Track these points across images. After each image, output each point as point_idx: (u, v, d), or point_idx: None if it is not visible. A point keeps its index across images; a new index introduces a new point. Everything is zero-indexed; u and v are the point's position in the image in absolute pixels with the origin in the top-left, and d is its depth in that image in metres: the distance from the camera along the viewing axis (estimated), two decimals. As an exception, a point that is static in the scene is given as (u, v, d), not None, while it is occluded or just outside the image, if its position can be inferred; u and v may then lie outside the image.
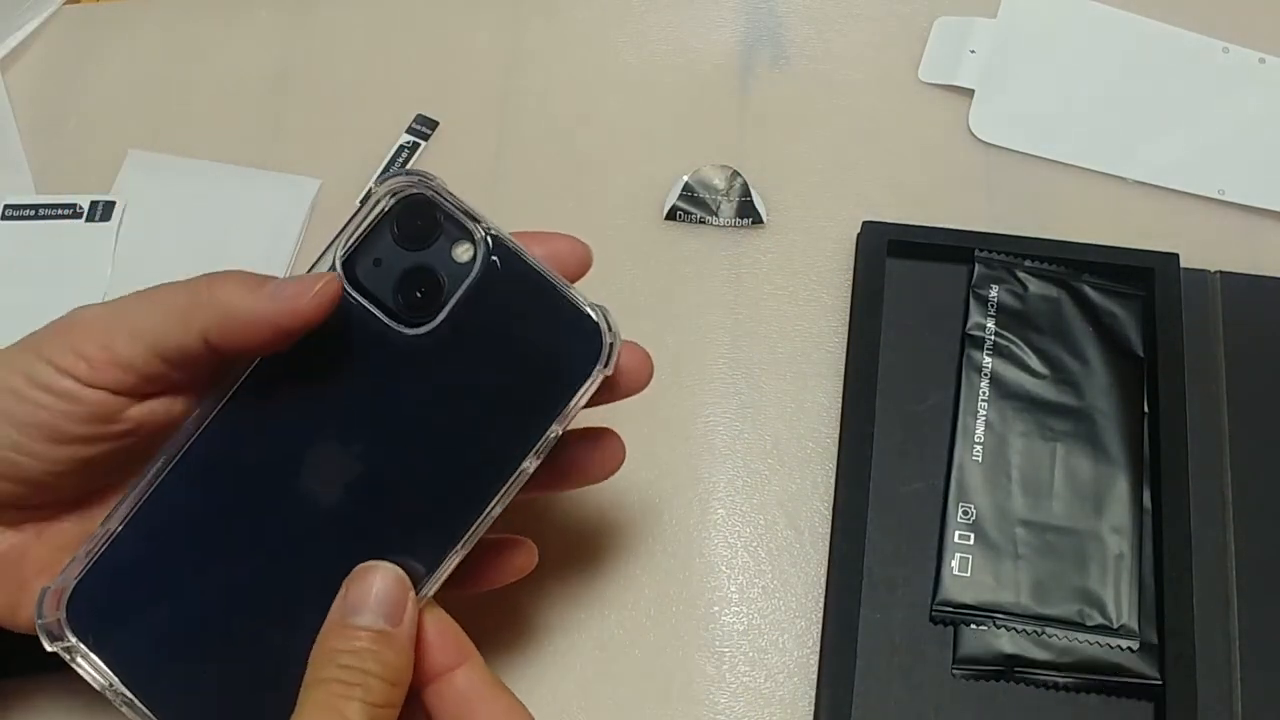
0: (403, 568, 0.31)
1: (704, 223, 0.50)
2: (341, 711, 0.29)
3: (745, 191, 0.51)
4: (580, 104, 0.54)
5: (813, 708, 0.42)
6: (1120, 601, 0.42)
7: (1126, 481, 0.44)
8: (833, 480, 0.45)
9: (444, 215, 0.33)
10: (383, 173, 0.52)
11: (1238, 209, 0.51)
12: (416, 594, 0.31)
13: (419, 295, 0.33)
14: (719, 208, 0.50)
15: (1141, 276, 0.47)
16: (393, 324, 0.33)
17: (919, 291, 0.48)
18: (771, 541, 0.45)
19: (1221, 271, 0.48)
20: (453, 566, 0.32)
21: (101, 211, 0.50)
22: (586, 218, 0.51)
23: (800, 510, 0.45)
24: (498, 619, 0.43)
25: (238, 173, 0.52)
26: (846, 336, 0.47)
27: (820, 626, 0.43)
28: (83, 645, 0.32)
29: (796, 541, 0.45)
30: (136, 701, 0.31)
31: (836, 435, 0.46)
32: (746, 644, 0.43)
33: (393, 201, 0.33)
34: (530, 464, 0.32)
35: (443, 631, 0.32)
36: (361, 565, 0.31)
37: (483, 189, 0.52)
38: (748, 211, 0.50)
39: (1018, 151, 0.52)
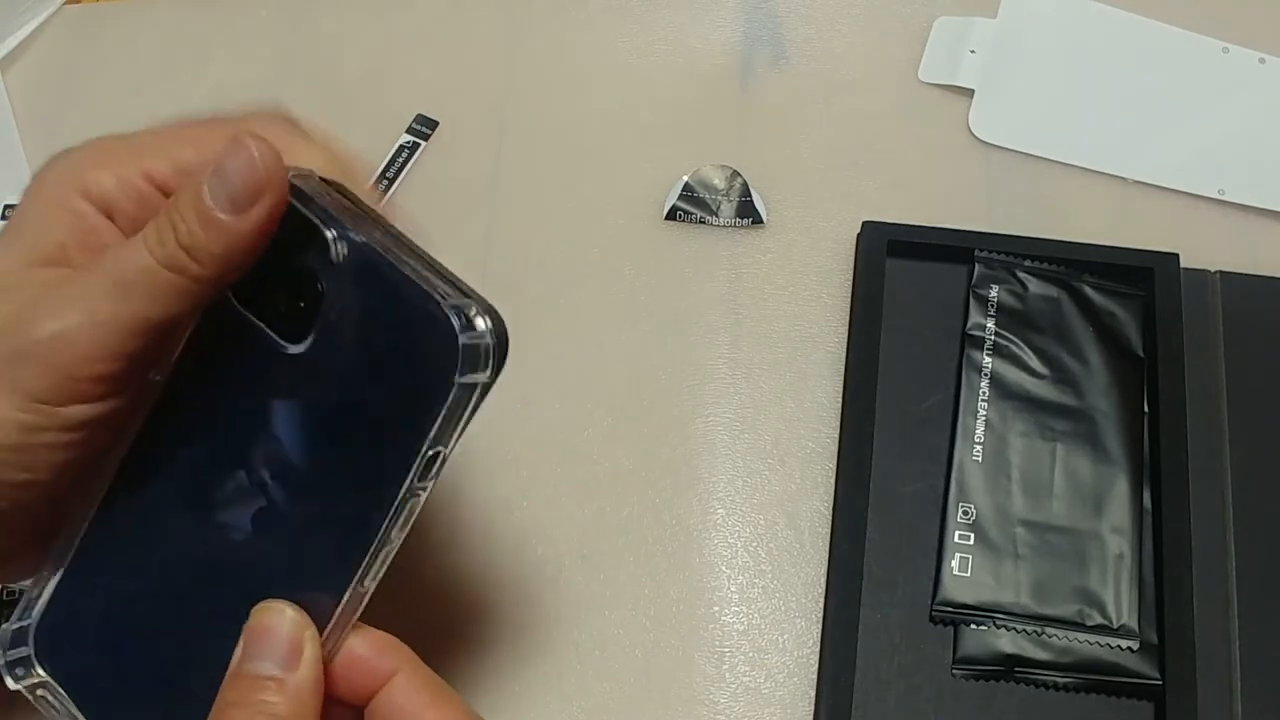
0: (306, 605, 0.29)
1: (704, 223, 0.50)
2: None
3: (745, 191, 0.51)
4: (580, 104, 0.54)
5: (813, 708, 0.42)
6: (1120, 601, 0.42)
7: (1126, 481, 0.44)
8: (833, 480, 0.45)
9: (315, 218, 0.29)
10: (383, 172, 0.52)
11: (1238, 209, 0.51)
12: (322, 633, 0.29)
13: (293, 311, 0.30)
14: (719, 208, 0.50)
15: (1141, 276, 0.47)
16: (276, 340, 0.30)
17: (919, 291, 0.48)
18: (771, 541, 0.45)
19: (1221, 271, 0.48)
20: (362, 600, 0.30)
21: (101, 211, 0.50)
22: (586, 218, 0.51)
23: (800, 510, 0.45)
24: (498, 619, 0.43)
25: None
26: (846, 336, 0.47)
27: (820, 626, 0.43)
28: (52, 682, 0.31)
29: (796, 541, 0.45)
30: None
31: (836, 435, 0.46)
32: (746, 644, 0.43)
33: None
34: (420, 486, 0.29)
35: (370, 644, 0.30)
36: (259, 606, 0.29)
37: (482, 189, 0.52)
38: (748, 211, 0.50)
39: (1018, 151, 0.52)
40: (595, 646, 0.43)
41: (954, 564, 0.43)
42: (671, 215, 0.51)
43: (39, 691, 0.31)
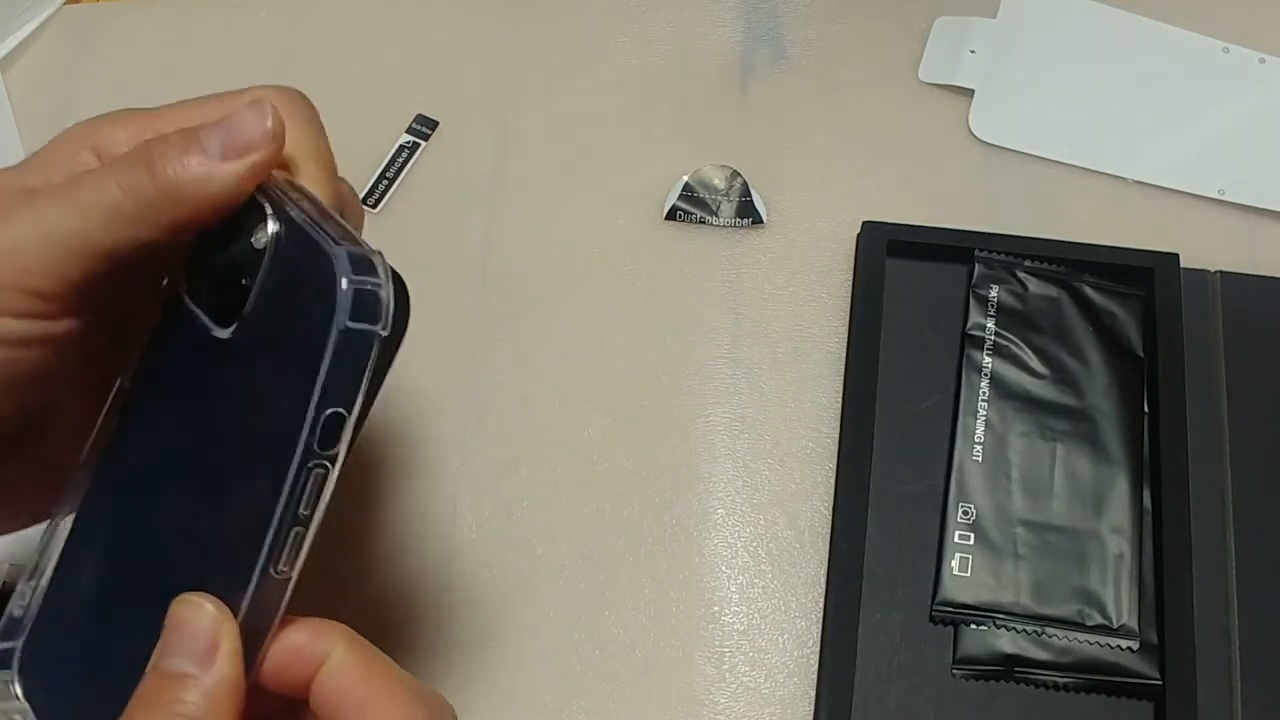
0: (225, 597, 0.28)
1: (704, 223, 0.50)
2: None
3: (745, 191, 0.51)
4: (580, 104, 0.54)
5: (813, 708, 0.42)
6: (1120, 601, 0.42)
7: (1126, 481, 0.44)
8: (833, 480, 0.45)
9: (251, 199, 0.30)
10: (383, 172, 0.52)
11: (1238, 209, 0.51)
12: (240, 624, 0.28)
13: (226, 294, 0.29)
14: (719, 208, 0.50)
15: (1141, 276, 0.47)
16: (213, 327, 0.30)
17: (919, 291, 0.48)
18: (771, 541, 0.45)
19: (1221, 271, 0.48)
20: (284, 587, 0.28)
21: (101, 211, 0.50)
22: (587, 218, 0.51)
23: (800, 510, 0.45)
24: (498, 620, 0.43)
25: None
26: (846, 336, 0.47)
27: (820, 626, 0.43)
28: (29, 707, 0.31)
29: (796, 541, 0.45)
30: None
31: (836, 435, 0.46)
32: (746, 644, 0.43)
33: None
34: (322, 455, 0.27)
35: (304, 631, 0.29)
36: (176, 600, 0.28)
37: (482, 189, 0.52)
38: (748, 211, 0.50)
39: (1018, 151, 0.52)
40: (595, 646, 0.43)
41: (954, 564, 0.43)
42: (671, 215, 0.51)
43: (15, 717, 0.31)
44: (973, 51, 0.54)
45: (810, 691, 0.42)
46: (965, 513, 0.44)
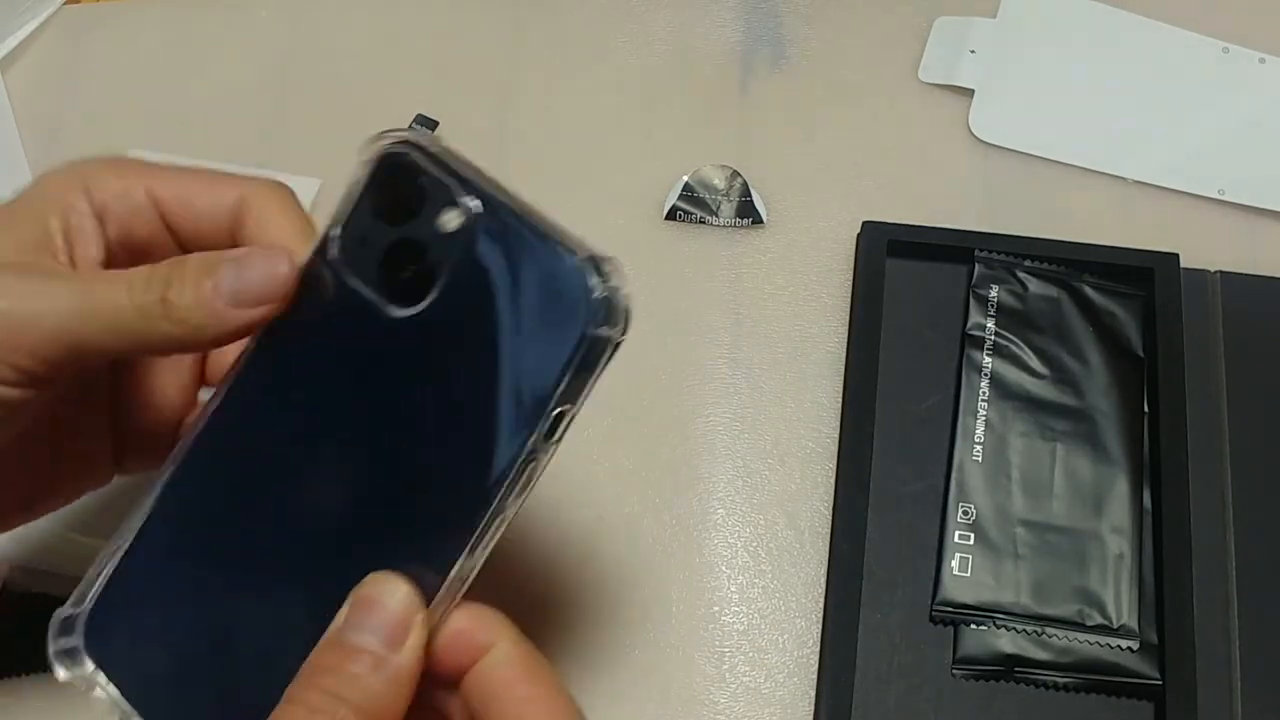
0: (413, 580, 0.28)
1: (704, 223, 0.50)
2: None
3: (745, 191, 0.51)
4: (580, 104, 0.54)
5: (813, 708, 0.42)
6: (1120, 601, 0.42)
7: (1126, 481, 0.44)
8: (833, 480, 0.45)
9: (428, 181, 0.29)
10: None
11: (1238, 209, 0.51)
12: (427, 610, 0.28)
13: (408, 274, 0.29)
14: (719, 208, 0.50)
15: (1141, 276, 0.47)
16: (385, 306, 0.29)
17: (919, 291, 0.48)
18: (771, 541, 0.45)
19: (1221, 271, 0.48)
20: (470, 575, 0.28)
21: (101, 211, 0.50)
22: (586, 218, 0.51)
23: (800, 510, 0.45)
24: (498, 619, 0.43)
25: (238, 173, 0.52)
26: (846, 336, 0.47)
27: (820, 626, 0.43)
28: (101, 674, 0.31)
29: (796, 541, 0.45)
30: None
31: (836, 435, 0.46)
32: (746, 644, 0.43)
33: (373, 172, 0.30)
34: (541, 451, 0.28)
35: (470, 617, 0.29)
36: (372, 576, 0.28)
37: (483, 189, 0.52)
38: (748, 211, 0.50)
39: (1018, 151, 0.52)
40: (595, 647, 0.43)
41: (954, 564, 0.43)
42: (671, 215, 0.51)
43: (89, 683, 0.31)
44: (973, 51, 0.54)
45: (810, 691, 0.42)
46: (965, 513, 0.44)
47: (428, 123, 0.53)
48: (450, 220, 0.29)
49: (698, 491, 0.46)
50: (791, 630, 0.43)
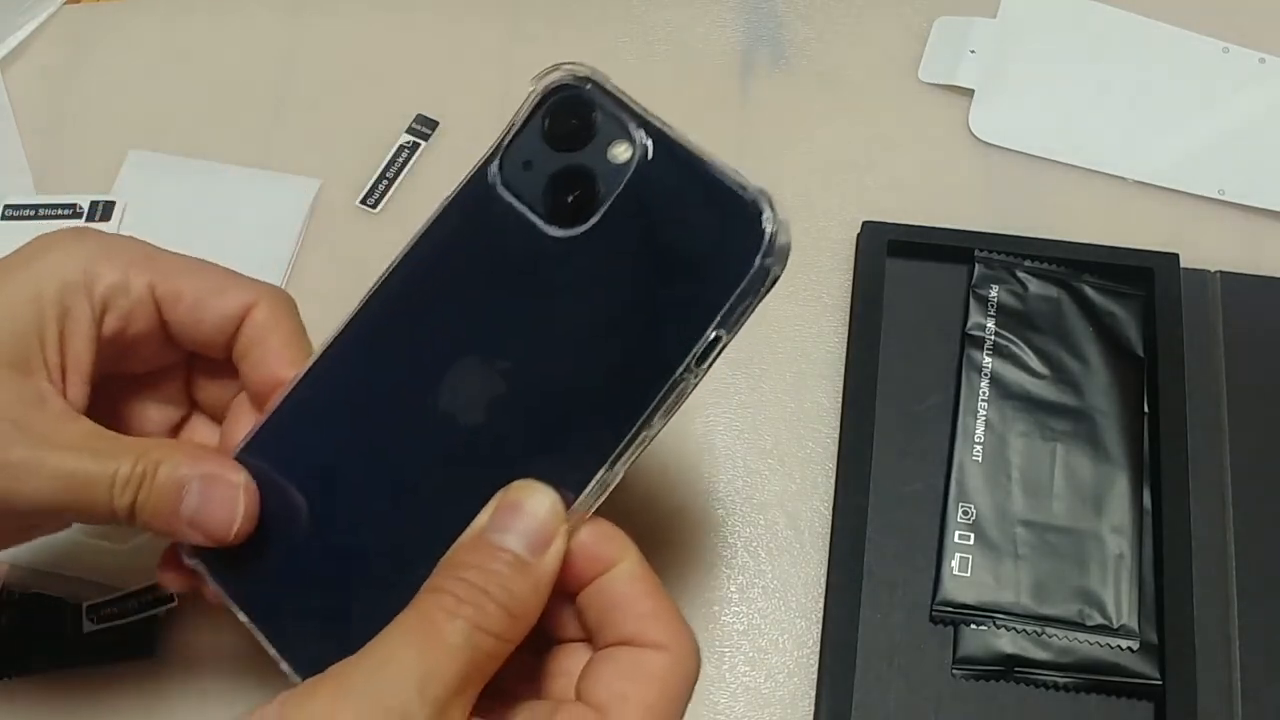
0: (557, 489, 0.28)
1: (704, 223, 0.50)
2: (440, 626, 0.26)
3: (745, 191, 0.51)
4: (580, 104, 0.54)
5: (813, 708, 0.42)
6: (1120, 601, 0.42)
7: (1126, 481, 0.44)
8: (833, 480, 0.45)
9: (600, 113, 0.31)
10: (383, 172, 0.52)
11: (1238, 209, 0.51)
12: (569, 519, 0.29)
13: (573, 198, 0.30)
14: (719, 208, 0.50)
15: (1141, 276, 0.47)
16: (545, 226, 0.30)
17: (919, 291, 0.48)
18: (771, 541, 0.45)
19: (1221, 271, 0.48)
20: (609, 489, 0.29)
21: (102, 211, 0.50)
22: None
23: (800, 510, 0.45)
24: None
25: (238, 173, 0.52)
26: (846, 336, 0.47)
27: (820, 626, 0.43)
28: (208, 574, 0.32)
29: (796, 541, 0.45)
30: (257, 631, 0.31)
31: (836, 435, 0.46)
32: (746, 644, 0.43)
33: (545, 100, 0.32)
34: (692, 372, 0.29)
35: (596, 532, 0.29)
36: (519, 483, 0.29)
37: (483, 189, 0.52)
38: (748, 211, 0.50)
39: (1018, 151, 0.52)
40: (595, 646, 0.43)
41: (954, 564, 0.43)
42: (672, 215, 0.51)
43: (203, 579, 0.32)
44: (973, 51, 0.54)
45: (810, 691, 0.42)
46: (965, 513, 0.44)
47: (428, 123, 0.53)
48: (620, 151, 0.30)
49: (698, 491, 0.46)
50: (791, 630, 0.43)
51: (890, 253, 0.48)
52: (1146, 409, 0.45)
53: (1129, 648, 0.41)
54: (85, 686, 0.41)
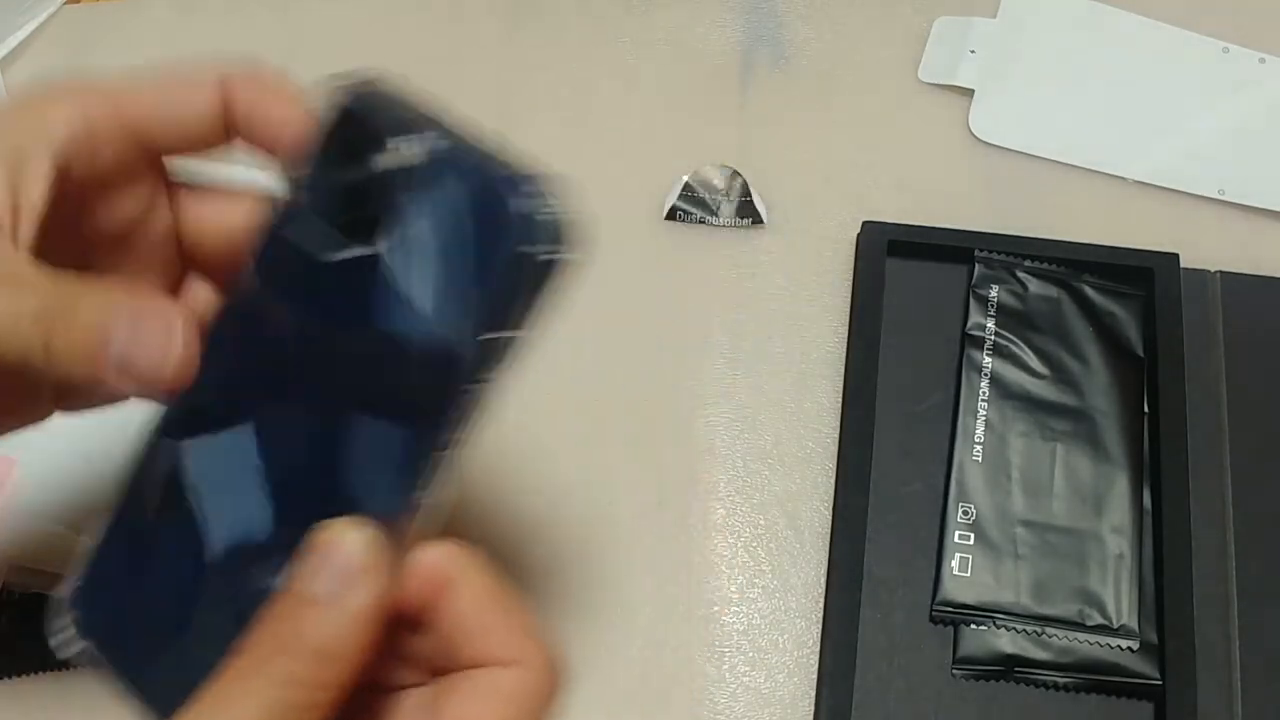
0: (369, 521, 0.27)
1: (704, 223, 0.50)
2: (243, 687, 0.25)
3: (745, 191, 0.51)
4: (580, 104, 0.54)
5: (813, 708, 0.42)
6: (1120, 601, 0.42)
7: (1126, 481, 0.44)
8: (833, 480, 0.45)
9: (381, 120, 0.29)
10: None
11: (1238, 209, 0.51)
12: (390, 549, 0.27)
13: (367, 212, 0.29)
14: (719, 208, 0.50)
15: (1141, 276, 0.47)
16: (344, 245, 0.29)
17: (919, 291, 0.48)
18: (771, 541, 0.45)
19: (1221, 271, 0.48)
20: (430, 511, 0.28)
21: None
22: (586, 218, 0.51)
23: (800, 510, 0.45)
24: (498, 619, 0.43)
25: (237, 173, 0.52)
26: (846, 336, 0.47)
27: (820, 626, 0.43)
28: (91, 647, 0.30)
29: (796, 541, 0.45)
30: (135, 696, 0.30)
31: (836, 435, 0.46)
32: (746, 644, 0.43)
33: (326, 117, 0.30)
34: (482, 378, 0.28)
35: (431, 552, 0.28)
36: (328, 523, 0.27)
37: (483, 189, 0.52)
38: (748, 211, 0.50)
39: (1018, 151, 0.52)
40: (595, 646, 0.43)
41: (954, 564, 0.43)
42: (671, 215, 0.51)
43: (81, 655, 0.31)
44: (973, 51, 0.54)
45: (810, 691, 0.42)
46: (965, 513, 0.44)
47: (428, 123, 0.53)
48: (401, 158, 0.29)
49: (698, 491, 0.46)
50: (791, 630, 0.43)
51: (890, 253, 0.48)
52: (1146, 409, 0.45)
53: (1129, 648, 0.41)
54: (85, 687, 0.41)
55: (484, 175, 0.28)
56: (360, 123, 0.30)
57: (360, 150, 0.29)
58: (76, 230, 0.32)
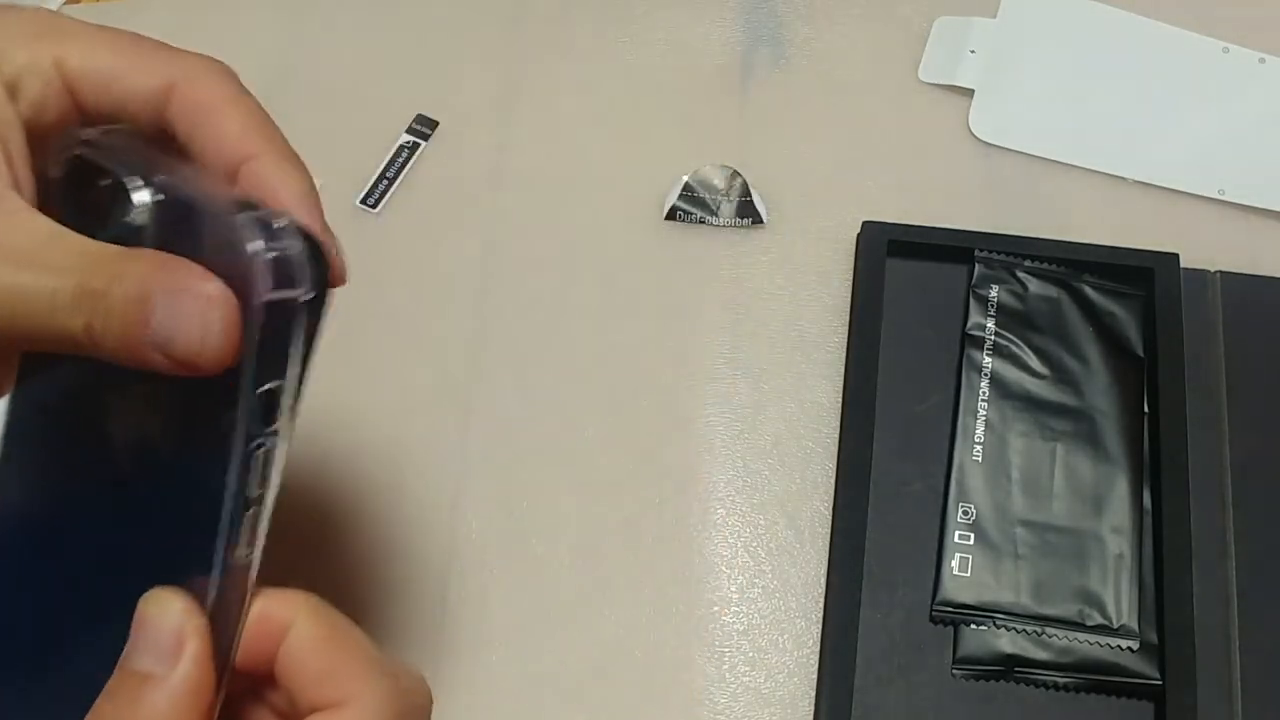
0: (186, 588, 0.26)
1: (704, 223, 0.50)
2: None
3: (745, 191, 0.51)
4: (580, 104, 0.54)
5: (813, 708, 0.42)
6: (1120, 601, 0.42)
7: (1126, 481, 0.44)
8: (833, 480, 0.45)
9: (109, 180, 0.27)
10: (383, 172, 0.52)
11: (1238, 209, 0.51)
12: (208, 614, 0.26)
13: None
14: (719, 208, 0.50)
15: (1141, 276, 0.47)
16: None
17: (919, 291, 0.48)
18: (771, 541, 0.45)
19: (1221, 271, 0.48)
20: (247, 571, 0.27)
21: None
22: (586, 218, 0.51)
23: (800, 510, 0.45)
24: (498, 619, 0.43)
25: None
26: (846, 336, 0.47)
27: (820, 626, 0.43)
28: None
29: (796, 541, 0.45)
30: None
31: (836, 435, 0.46)
32: (746, 644, 0.43)
33: (59, 181, 0.28)
34: (264, 431, 0.26)
35: (264, 604, 0.27)
36: (144, 597, 0.26)
37: (483, 189, 0.52)
38: (748, 211, 0.50)
39: (1018, 151, 0.52)
40: (595, 646, 0.43)
41: (954, 564, 0.43)
42: (671, 215, 0.51)
43: None
44: (973, 51, 0.54)
45: (810, 691, 0.42)
46: (965, 513, 0.44)
47: (428, 123, 0.53)
48: (131, 215, 0.27)
49: (698, 491, 0.46)
50: (791, 630, 0.43)
51: (890, 253, 0.48)
52: (1146, 409, 0.45)
53: (1129, 648, 0.41)
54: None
55: (222, 223, 0.26)
56: (94, 173, 0.28)
57: (95, 202, 0.27)
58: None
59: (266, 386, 0.26)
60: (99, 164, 0.28)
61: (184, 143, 0.30)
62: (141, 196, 0.27)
